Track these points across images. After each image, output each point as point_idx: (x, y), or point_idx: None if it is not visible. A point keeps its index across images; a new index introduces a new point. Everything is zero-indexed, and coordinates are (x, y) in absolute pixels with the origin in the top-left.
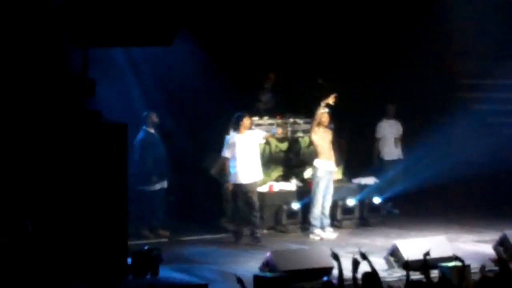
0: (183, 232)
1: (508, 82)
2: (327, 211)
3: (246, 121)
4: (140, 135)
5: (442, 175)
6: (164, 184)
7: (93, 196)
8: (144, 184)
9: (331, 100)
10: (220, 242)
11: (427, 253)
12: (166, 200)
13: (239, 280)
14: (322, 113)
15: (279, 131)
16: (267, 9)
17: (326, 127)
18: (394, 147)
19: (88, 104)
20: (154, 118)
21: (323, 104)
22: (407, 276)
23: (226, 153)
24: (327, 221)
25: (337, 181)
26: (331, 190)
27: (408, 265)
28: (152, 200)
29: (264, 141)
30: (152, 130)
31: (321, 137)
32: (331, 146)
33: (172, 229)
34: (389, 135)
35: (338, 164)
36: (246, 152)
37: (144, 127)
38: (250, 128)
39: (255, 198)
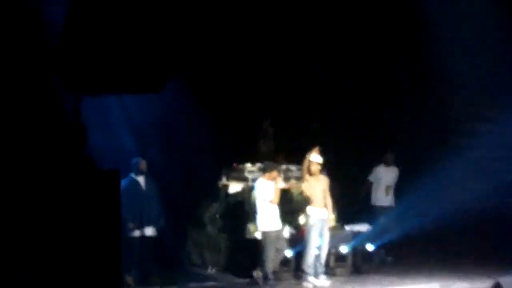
0: (173, 280)
1: (502, 128)
2: (322, 259)
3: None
4: (123, 182)
5: (435, 222)
6: (146, 231)
7: (86, 244)
8: (122, 232)
9: (316, 152)
10: None
11: None
12: (152, 248)
13: None
14: (311, 162)
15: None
16: (261, 55)
17: (318, 174)
18: (385, 194)
19: (81, 153)
20: (143, 165)
21: (310, 154)
22: None
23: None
24: (321, 268)
25: (330, 229)
26: (326, 238)
27: None
28: (133, 247)
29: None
30: (139, 178)
31: (312, 185)
32: (324, 193)
33: (160, 279)
34: (382, 181)
35: (333, 211)
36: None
37: (131, 174)
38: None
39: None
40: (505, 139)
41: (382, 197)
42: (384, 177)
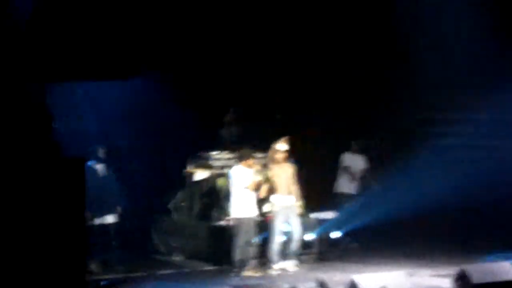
0: (135, 268)
1: (474, 117)
2: (294, 245)
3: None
4: None
5: (402, 210)
6: (107, 219)
7: (52, 231)
8: None
9: (283, 142)
10: (175, 277)
11: None
12: (116, 235)
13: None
14: (276, 150)
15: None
16: (229, 43)
17: (282, 162)
18: (348, 181)
19: (48, 139)
20: (101, 153)
21: (276, 144)
22: None
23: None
24: (293, 254)
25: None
26: (295, 224)
27: None
28: (94, 235)
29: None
30: (97, 166)
31: (277, 173)
32: (289, 181)
33: (123, 265)
34: (347, 169)
35: (299, 198)
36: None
37: (89, 162)
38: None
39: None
40: (481, 128)
41: (346, 184)
42: (350, 165)
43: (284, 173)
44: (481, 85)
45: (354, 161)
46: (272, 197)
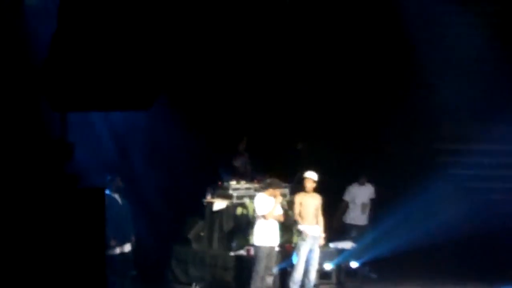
0: None
1: (484, 148)
2: (311, 275)
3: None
4: None
5: (419, 240)
6: (125, 248)
7: (71, 263)
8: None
9: (313, 171)
10: None
11: None
12: (134, 265)
13: None
14: (306, 178)
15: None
16: (242, 73)
17: (311, 192)
18: (361, 213)
19: (66, 169)
20: (119, 182)
21: (305, 173)
22: None
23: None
24: (310, 285)
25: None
26: (316, 255)
27: None
28: (114, 265)
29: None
30: (115, 195)
31: (305, 202)
32: (317, 211)
33: None
34: (356, 200)
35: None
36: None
37: (107, 192)
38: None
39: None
40: (491, 158)
41: (357, 215)
42: (358, 195)
43: (312, 203)
44: (495, 116)
45: (361, 192)
46: (299, 226)
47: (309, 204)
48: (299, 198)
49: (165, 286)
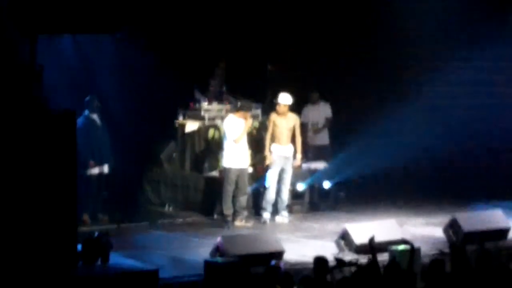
0: (126, 218)
1: (458, 64)
2: (284, 195)
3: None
4: (80, 120)
5: (391, 159)
6: (104, 169)
7: (42, 184)
8: (82, 169)
9: (287, 95)
10: (168, 227)
11: (372, 239)
12: (107, 186)
13: None
14: (279, 103)
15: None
16: None
17: (286, 114)
18: (314, 132)
19: (36, 92)
20: (96, 103)
21: (280, 97)
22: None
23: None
24: (283, 205)
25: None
26: (288, 175)
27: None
28: (91, 185)
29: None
30: (94, 115)
31: (279, 123)
32: (290, 132)
33: (115, 216)
34: (310, 120)
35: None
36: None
37: (86, 113)
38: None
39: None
40: (460, 77)
41: (311, 135)
42: (311, 115)
43: (286, 123)
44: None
45: (314, 112)
46: (272, 147)
47: (282, 125)
48: (272, 118)
49: (138, 207)
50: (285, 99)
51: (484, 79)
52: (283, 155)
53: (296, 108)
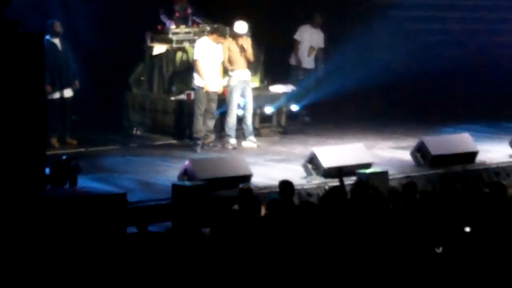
0: (95, 142)
1: None
2: (248, 120)
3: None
4: None
5: (359, 83)
6: (65, 93)
7: (10, 106)
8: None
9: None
10: (136, 151)
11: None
12: (76, 110)
13: None
14: (236, 32)
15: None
16: None
17: (239, 37)
18: (307, 55)
19: (5, 14)
20: (58, 27)
21: (235, 24)
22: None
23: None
24: (249, 130)
25: (254, 89)
26: (249, 99)
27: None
28: (55, 109)
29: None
30: (55, 40)
31: (232, 48)
32: (244, 54)
33: (84, 139)
34: (305, 43)
35: (255, 71)
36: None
37: (47, 37)
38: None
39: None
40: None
41: (304, 57)
42: (309, 38)
43: (239, 46)
44: None
45: (313, 35)
46: (229, 71)
47: (236, 49)
48: (226, 43)
49: (106, 131)
50: (240, 28)
51: (456, 4)
52: (242, 79)
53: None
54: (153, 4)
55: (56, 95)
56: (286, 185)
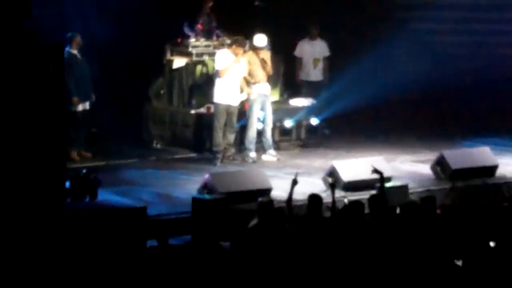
0: (115, 154)
1: (446, 0)
2: (268, 133)
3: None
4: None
5: (379, 95)
6: (86, 105)
7: (31, 119)
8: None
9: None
10: (156, 164)
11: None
12: (94, 123)
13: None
14: (255, 46)
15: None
16: None
17: (259, 49)
18: (313, 68)
19: (24, 26)
20: (78, 39)
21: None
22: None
23: None
24: (268, 144)
25: (274, 103)
26: (269, 112)
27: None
28: (77, 121)
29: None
30: (75, 51)
31: (253, 61)
32: (264, 67)
33: (103, 152)
34: (307, 56)
35: (274, 85)
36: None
37: (67, 48)
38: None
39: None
40: (450, 13)
41: (308, 72)
42: (310, 51)
43: (261, 61)
44: None
45: (313, 47)
46: (250, 85)
47: (257, 62)
48: (247, 57)
49: (126, 144)
50: (259, 41)
51: (476, 17)
52: (262, 93)
53: (287, 43)
54: (173, 16)
55: (79, 107)
56: (314, 198)
